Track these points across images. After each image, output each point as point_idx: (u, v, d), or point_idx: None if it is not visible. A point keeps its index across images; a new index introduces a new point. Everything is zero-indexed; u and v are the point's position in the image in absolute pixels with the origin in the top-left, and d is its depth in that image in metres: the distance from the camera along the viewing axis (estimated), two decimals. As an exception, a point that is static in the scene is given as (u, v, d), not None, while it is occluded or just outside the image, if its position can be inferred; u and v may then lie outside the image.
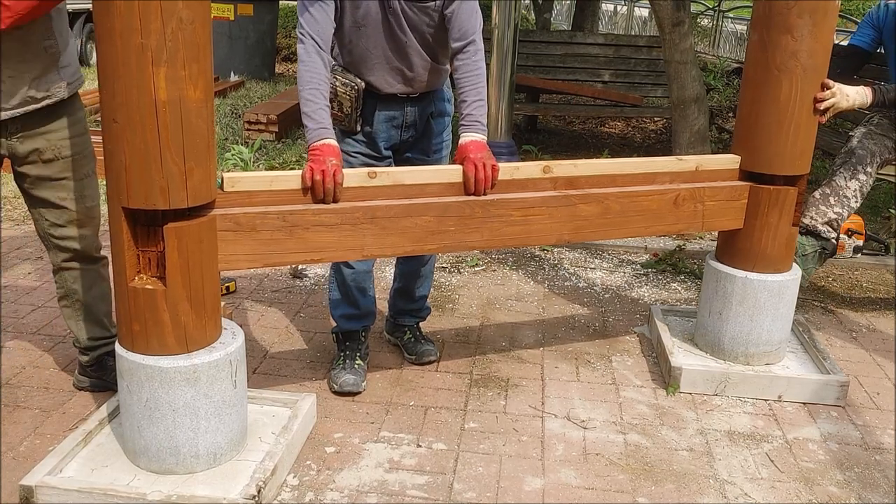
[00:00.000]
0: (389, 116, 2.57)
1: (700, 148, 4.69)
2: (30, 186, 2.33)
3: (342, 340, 2.79)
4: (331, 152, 2.23)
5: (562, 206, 2.47)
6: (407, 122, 2.60)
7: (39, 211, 2.36)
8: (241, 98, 8.12)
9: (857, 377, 2.95)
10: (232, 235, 2.06)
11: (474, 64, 2.42)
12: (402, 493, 2.16)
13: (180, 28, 1.77)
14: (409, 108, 2.58)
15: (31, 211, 2.38)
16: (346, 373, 2.67)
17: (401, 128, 2.60)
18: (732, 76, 9.13)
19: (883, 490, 2.28)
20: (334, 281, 2.74)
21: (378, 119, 2.56)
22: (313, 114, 2.29)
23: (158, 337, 1.97)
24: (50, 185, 2.32)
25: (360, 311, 2.76)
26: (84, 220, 2.40)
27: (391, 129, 2.59)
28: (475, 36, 2.42)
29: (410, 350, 2.92)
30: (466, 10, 2.40)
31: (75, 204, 2.36)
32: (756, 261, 2.75)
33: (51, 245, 2.41)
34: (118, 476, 2.06)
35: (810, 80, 2.57)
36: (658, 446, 2.44)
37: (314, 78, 2.31)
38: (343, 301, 2.75)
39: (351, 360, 2.72)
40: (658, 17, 4.61)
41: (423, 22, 2.42)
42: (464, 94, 2.42)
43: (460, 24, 2.40)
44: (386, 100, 2.55)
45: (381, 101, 2.55)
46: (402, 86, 2.52)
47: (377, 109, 2.55)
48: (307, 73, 2.31)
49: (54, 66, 2.24)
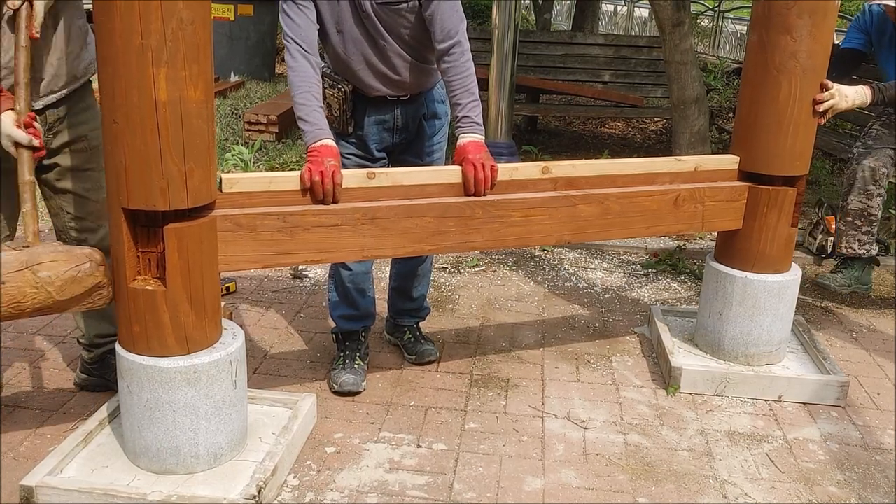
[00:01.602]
0: (380, 119, 2.56)
1: (700, 148, 4.69)
2: (56, 178, 2.32)
3: (342, 340, 2.79)
4: (329, 153, 2.22)
5: (562, 206, 2.47)
6: (398, 125, 2.59)
7: (61, 204, 2.35)
8: (242, 98, 8.12)
9: (857, 377, 2.95)
10: (232, 236, 2.06)
11: (463, 65, 2.39)
12: (403, 494, 2.16)
13: (181, 28, 1.77)
14: (399, 111, 2.57)
15: (51, 204, 2.37)
16: (346, 373, 2.67)
17: (392, 130, 2.59)
18: (732, 76, 9.12)
19: (883, 490, 2.28)
20: (333, 282, 2.74)
21: (368, 122, 2.55)
22: (307, 116, 2.29)
23: (159, 338, 1.97)
24: (77, 175, 2.32)
25: (359, 312, 2.76)
26: (103, 212, 2.36)
27: (382, 132, 2.59)
28: (460, 36, 2.38)
29: (410, 350, 2.92)
30: (447, 10, 2.36)
31: (97, 194, 2.35)
32: (755, 261, 2.75)
33: (69, 239, 2.39)
34: (118, 476, 2.06)
35: (809, 80, 2.57)
36: (658, 446, 2.44)
37: (304, 81, 2.31)
38: (342, 302, 2.75)
39: (351, 361, 2.72)
40: (658, 18, 4.61)
41: (398, 24, 2.39)
42: (456, 96, 2.40)
43: (442, 24, 2.36)
44: (375, 102, 2.54)
45: (371, 104, 2.54)
46: (388, 88, 2.51)
47: (367, 113, 2.55)
48: (296, 77, 2.31)
49: (86, 45, 2.27)
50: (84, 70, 2.28)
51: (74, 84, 2.26)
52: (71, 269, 1.91)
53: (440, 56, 2.40)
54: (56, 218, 2.39)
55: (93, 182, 2.35)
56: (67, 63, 2.21)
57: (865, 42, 3.55)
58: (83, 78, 2.29)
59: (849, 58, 3.58)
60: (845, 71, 3.54)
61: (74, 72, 2.24)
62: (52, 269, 1.89)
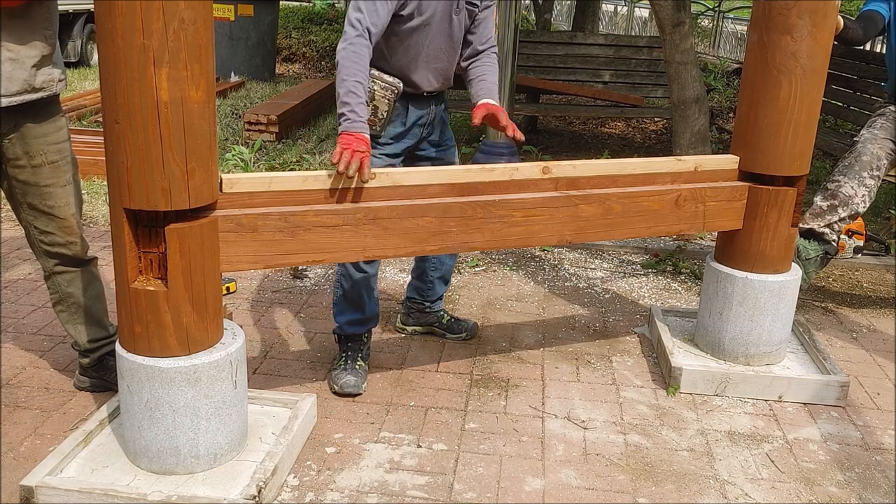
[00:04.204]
0: (419, 115, 2.64)
1: (700, 148, 4.69)
2: (18, 191, 2.29)
3: (344, 341, 2.79)
4: (363, 141, 2.25)
5: (563, 206, 2.47)
6: (430, 120, 2.68)
7: (27, 218, 2.33)
8: (242, 98, 8.13)
9: (857, 377, 2.95)
10: (234, 236, 2.06)
11: (494, 63, 2.66)
12: (403, 494, 2.16)
13: (182, 28, 1.77)
14: (433, 106, 2.67)
15: (19, 218, 2.35)
16: (348, 374, 2.67)
17: (424, 126, 2.67)
18: (732, 76, 9.13)
19: (883, 490, 2.28)
20: (341, 285, 2.72)
21: (411, 120, 2.62)
22: (355, 107, 2.27)
23: (160, 339, 1.97)
24: (38, 191, 2.28)
25: (364, 316, 2.76)
26: (71, 226, 2.36)
27: (418, 129, 2.66)
28: (495, 39, 2.70)
29: (455, 329, 3.07)
30: (490, 16, 2.61)
31: (62, 211, 2.33)
32: (756, 261, 2.75)
33: (40, 252, 2.38)
34: (118, 476, 2.06)
35: (810, 80, 2.57)
36: (658, 447, 2.44)
37: (361, 70, 2.29)
38: (349, 306, 2.73)
39: (352, 362, 2.72)
40: (658, 18, 4.61)
41: (464, 23, 2.56)
42: (483, 75, 2.61)
43: (487, 27, 2.62)
44: (417, 99, 2.61)
45: (413, 101, 2.60)
46: (437, 83, 2.61)
47: (409, 110, 2.61)
48: (355, 63, 2.28)
49: (50, 58, 2.21)
50: (45, 84, 2.20)
51: (31, 95, 2.16)
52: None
53: (475, 55, 2.62)
54: (27, 231, 2.36)
55: (56, 199, 2.30)
56: (21, 68, 2.13)
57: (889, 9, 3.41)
58: (42, 92, 2.19)
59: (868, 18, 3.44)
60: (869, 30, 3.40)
61: (31, 81, 2.16)
62: None
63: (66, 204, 2.34)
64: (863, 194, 3.28)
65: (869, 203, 3.31)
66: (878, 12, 3.35)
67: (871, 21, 3.33)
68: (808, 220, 3.31)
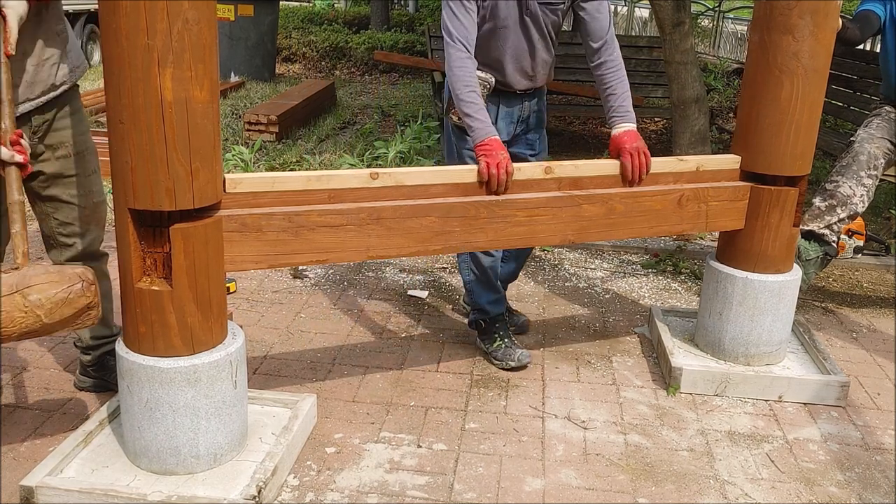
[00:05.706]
0: (508, 112, 2.69)
1: (701, 148, 4.69)
2: (41, 185, 2.29)
3: (491, 324, 2.94)
4: (499, 146, 2.35)
5: (566, 206, 2.47)
6: (521, 117, 2.74)
7: (47, 210, 2.33)
8: (242, 98, 8.12)
9: (857, 377, 2.96)
10: (238, 236, 2.06)
11: (617, 59, 2.60)
12: (403, 494, 2.16)
13: (186, 28, 1.77)
14: (526, 104, 2.72)
15: (37, 209, 2.34)
16: (515, 347, 2.88)
17: (516, 122, 2.73)
18: (733, 76, 9.13)
19: (883, 490, 2.29)
20: (471, 271, 2.88)
21: (500, 115, 2.67)
22: (476, 114, 2.41)
23: (165, 339, 1.97)
24: (61, 182, 2.29)
25: (500, 294, 2.96)
26: (91, 217, 2.37)
27: (509, 125, 2.72)
28: (612, 32, 2.61)
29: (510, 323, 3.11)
30: (602, 10, 2.56)
31: (84, 200, 2.34)
32: (757, 261, 2.75)
33: (56, 243, 2.37)
34: (118, 476, 2.06)
35: (811, 80, 2.57)
36: (658, 447, 2.44)
37: (471, 80, 2.43)
38: (485, 288, 2.90)
39: (510, 338, 2.91)
40: (658, 18, 4.61)
41: (549, 23, 2.58)
42: (611, 87, 2.59)
43: (599, 23, 2.58)
44: (508, 96, 2.67)
45: (504, 98, 2.67)
46: (526, 83, 2.65)
47: (500, 107, 2.67)
48: (464, 76, 2.42)
49: (65, 52, 2.23)
50: (63, 79, 2.22)
51: (53, 92, 2.19)
52: (62, 290, 1.86)
53: (594, 52, 2.61)
54: (43, 223, 2.36)
55: (77, 188, 2.32)
56: (45, 70, 2.15)
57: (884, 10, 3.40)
58: (63, 86, 2.23)
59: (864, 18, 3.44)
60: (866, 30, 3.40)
61: (52, 80, 2.18)
62: (42, 291, 1.84)
63: (89, 193, 2.35)
64: (861, 194, 3.28)
65: (868, 202, 3.31)
66: (874, 12, 3.37)
67: (868, 21, 3.36)
68: (807, 222, 3.31)
